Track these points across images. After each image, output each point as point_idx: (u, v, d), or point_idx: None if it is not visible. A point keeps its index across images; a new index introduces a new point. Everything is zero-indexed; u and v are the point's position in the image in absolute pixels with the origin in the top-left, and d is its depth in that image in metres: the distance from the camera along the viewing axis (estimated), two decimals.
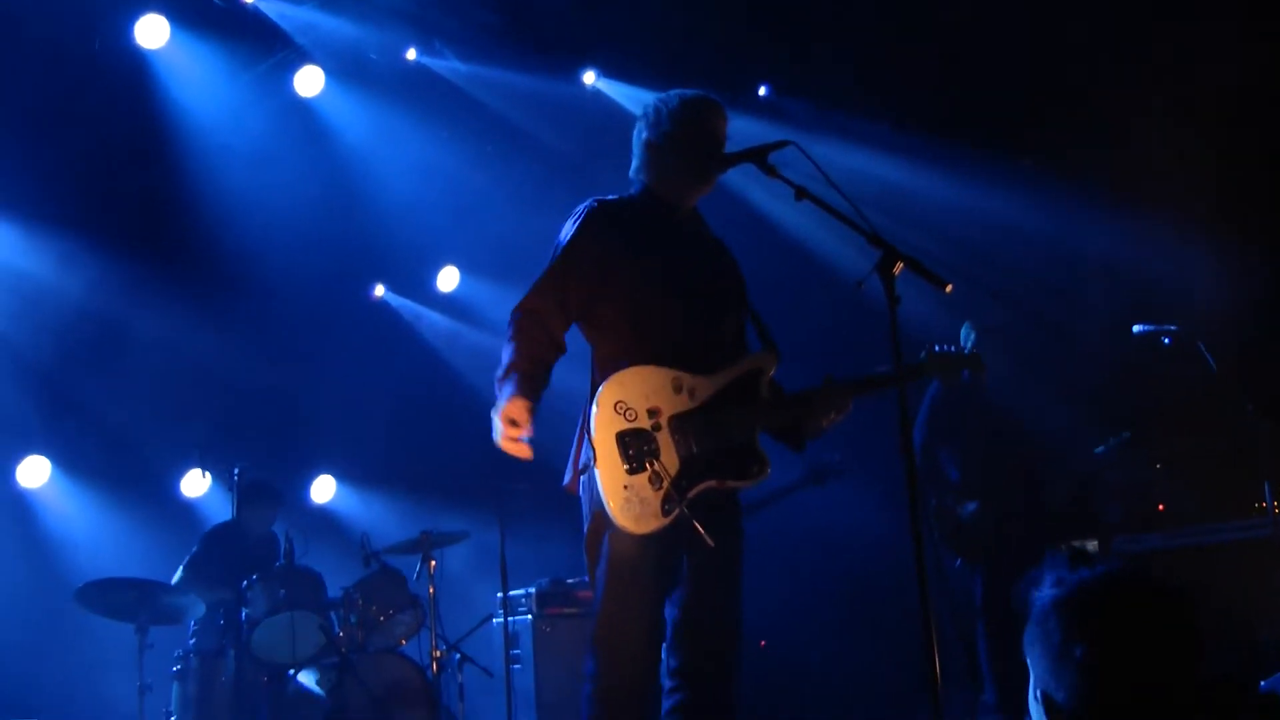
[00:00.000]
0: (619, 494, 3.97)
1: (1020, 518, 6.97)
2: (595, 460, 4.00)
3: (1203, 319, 6.76)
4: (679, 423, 4.09)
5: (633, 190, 4.47)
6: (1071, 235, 8.44)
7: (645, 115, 4.47)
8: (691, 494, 4.03)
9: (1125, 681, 2.12)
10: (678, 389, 4.13)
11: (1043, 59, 8.21)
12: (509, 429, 4.04)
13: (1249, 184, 7.51)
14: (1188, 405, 7.36)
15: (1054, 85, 8.27)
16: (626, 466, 3.99)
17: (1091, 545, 8.04)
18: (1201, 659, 2.17)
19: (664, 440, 4.06)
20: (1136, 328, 6.76)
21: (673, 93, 4.47)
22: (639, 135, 4.46)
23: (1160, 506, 7.71)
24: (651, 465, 4.00)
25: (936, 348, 4.52)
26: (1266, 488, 6.42)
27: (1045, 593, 2.25)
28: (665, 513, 3.98)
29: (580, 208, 4.36)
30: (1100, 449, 7.61)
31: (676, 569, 4.17)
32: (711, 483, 4.10)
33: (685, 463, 4.06)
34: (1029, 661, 2.26)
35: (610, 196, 4.42)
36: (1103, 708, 2.12)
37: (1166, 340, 6.65)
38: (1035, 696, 2.25)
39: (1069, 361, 8.21)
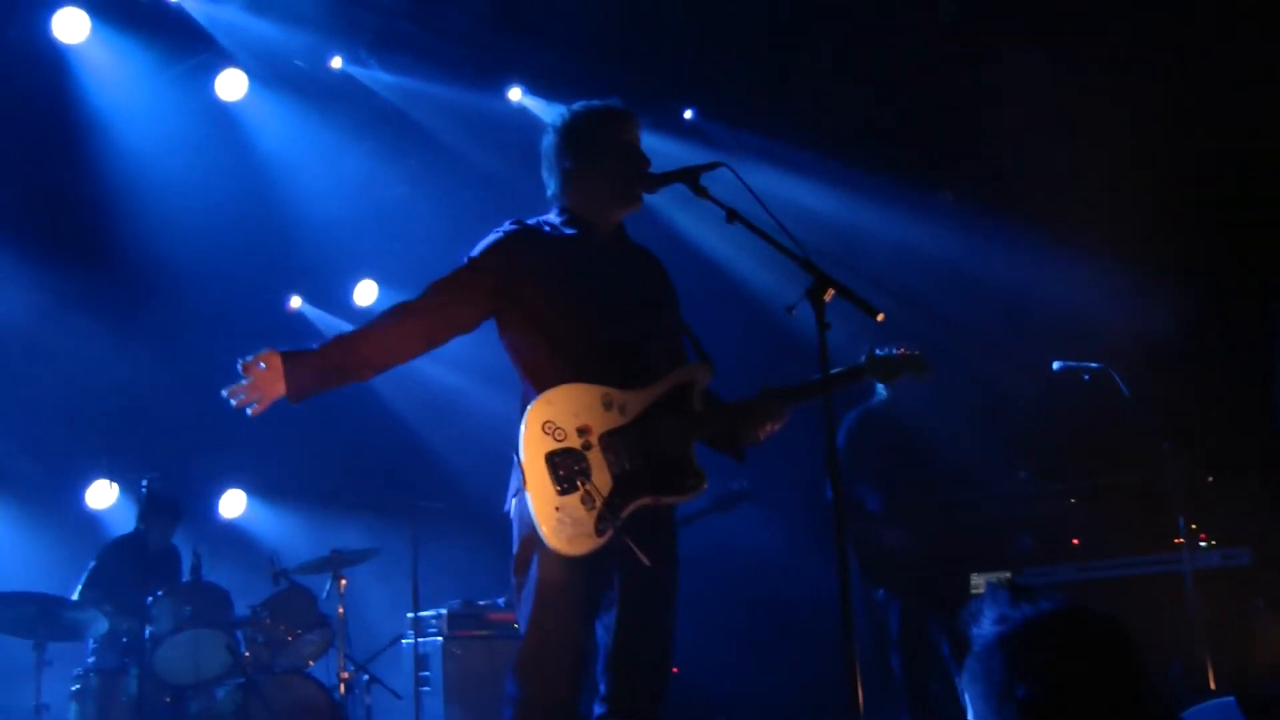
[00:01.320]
0: (551, 516, 3.86)
1: (938, 548, 6.98)
2: (525, 482, 3.90)
3: (1118, 352, 6.82)
4: (610, 440, 4.00)
5: (554, 210, 4.38)
6: (986, 267, 8.51)
7: (559, 133, 4.35)
8: (625, 512, 3.94)
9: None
10: (607, 405, 4.04)
11: (967, 89, 8.28)
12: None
13: (1163, 214, 7.60)
14: (1104, 439, 7.43)
15: (975, 116, 8.32)
16: (557, 488, 3.88)
17: (1004, 576, 8.11)
18: (1148, 699, 2.13)
19: (595, 459, 3.96)
20: (1056, 364, 6.80)
21: (581, 107, 4.36)
22: (557, 159, 4.34)
23: (1075, 540, 7.77)
24: (583, 485, 3.90)
25: (878, 350, 4.45)
26: (1180, 522, 6.48)
27: (987, 629, 2.19)
28: (599, 533, 3.88)
29: (501, 227, 4.27)
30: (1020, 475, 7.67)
31: (607, 591, 4.07)
32: (646, 500, 4.00)
33: (618, 480, 3.97)
34: (967, 700, 2.20)
35: (531, 220, 4.32)
36: None
37: (1086, 377, 6.69)
38: None
39: (984, 394, 8.25)
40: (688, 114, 9.88)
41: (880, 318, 3.79)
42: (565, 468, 3.92)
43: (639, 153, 4.32)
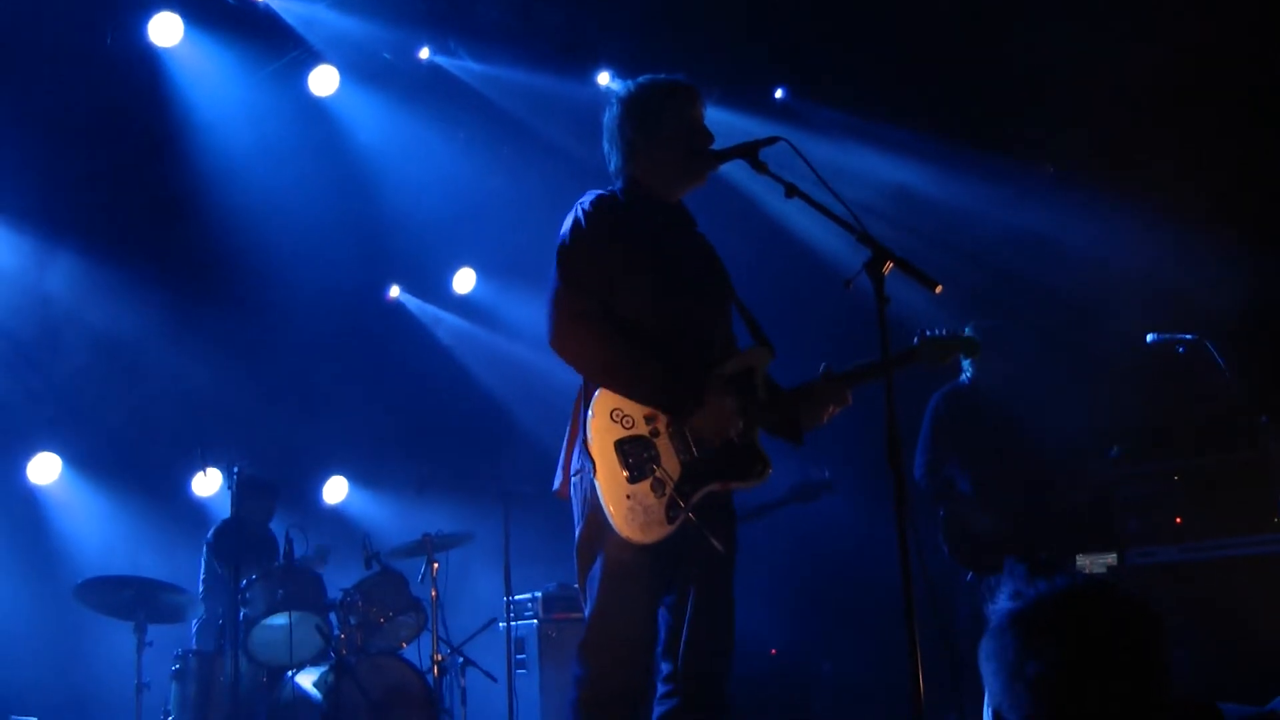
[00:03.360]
0: (622, 504, 3.87)
1: (1034, 529, 6.82)
2: (595, 471, 3.90)
3: (1216, 325, 6.61)
4: (678, 427, 4.00)
5: (619, 184, 4.34)
6: (1084, 241, 8.30)
7: (624, 104, 4.31)
8: (695, 499, 3.94)
9: (1078, 702, 2.01)
10: None
11: (1052, 64, 8.10)
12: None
13: (1260, 179, 7.35)
14: (1200, 413, 7.21)
15: (1072, 89, 8.13)
16: (627, 475, 3.89)
17: (1110, 558, 7.91)
18: (1165, 680, 2.05)
19: (663, 446, 3.96)
20: (1151, 336, 6.62)
21: (647, 80, 4.34)
22: (619, 129, 4.31)
23: (1178, 520, 7.56)
24: (654, 472, 3.91)
25: (929, 332, 4.40)
26: None
27: (1001, 606, 2.13)
28: (670, 520, 3.89)
29: (581, 204, 4.23)
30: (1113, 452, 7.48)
31: (672, 574, 4.08)
32: (715, 485, 4.01)
33: (686, 467, 3.97)
34: (983, 678, 2.15)
35: (602, 191, 4.28)
36: None
37: (1181, 349, 6.51)
38: (987, 716, 2.14)
39: (1078, 370, 8.06)
40: (779, 93, 9.80)
41: (939, 290, 3.75)
42: (635, 455, 3.93)
43: (703, 128, 4.31)
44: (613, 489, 3.88)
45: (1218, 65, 7.49)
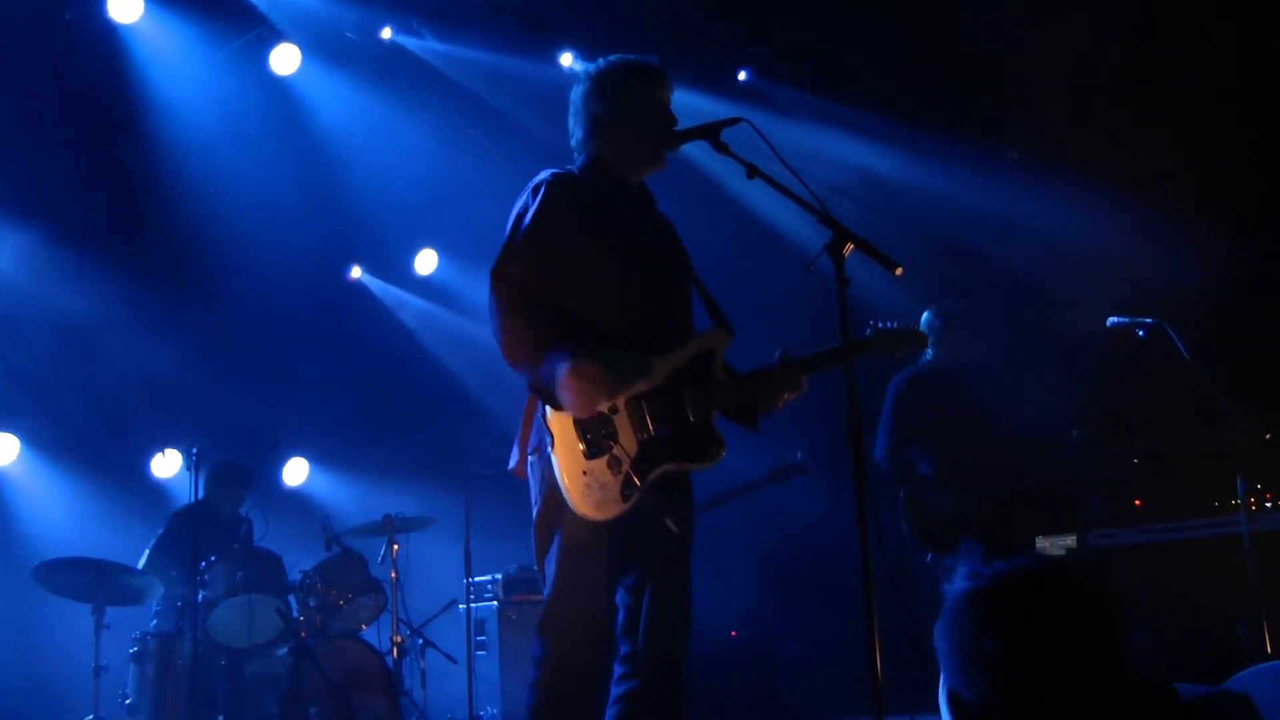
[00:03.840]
0: (579, 479, 3.88)
1: (995, 510, 6.84)
2: (552, 445, 3.90)
3: (1175, 306, 6.64)
4: (636, 405, 3.99)
5: (580, 161, 4.32)
6: (1045, 224, 8.34)
7: (593, 80, 4.30)
8: (650, 478, 3.94)
9: (1034, 680, 2.01)
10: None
11: (1026, 46, 8.11)
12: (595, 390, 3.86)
13: (1224, 168, 7.40)
14: (1161, 397, 7.26)
15: (1032, 72, 8.16)
16: (584, 449, 3.90)
17: (1070, 540, 7.95)
18: (1121, 660, 2.06)
19: (622, 423, 3.96)
20: (1111, 319, 6.64)
21: (618, 59, 4.33)
22: (586, 105, 4.29)
23: (1137, 502, 7.61)
24: (610, 449, 3.91)
25: (880, 324, 4.42)
26: (1239, 482, 6.30)
27: (957, 585, 2.13)
28: (625, 498, 3.90)
29: (538, 180, 4.20)
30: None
31: (630, 554, 4.08)
32: (670, 465, 4.00)
33: (643, 446, 3.97)
34: (939, 658, 2.15)
35: (559, 169, 4.26)
36: (1011, 707, 2.01)
37: (1141, 333, 6.53)
38: (943, 696, 2.14)
39: (1042, 352, 8.10)
40: (742, 75, 9.78)
41: (899, 272, 3.77)
42: (593, 431, 3.92)
43: (669, 112, 4.29)
44: (569, 464, 3.89)
45: (1178, 48, 7.53)
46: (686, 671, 4.15)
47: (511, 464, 4.23)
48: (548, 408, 3.94)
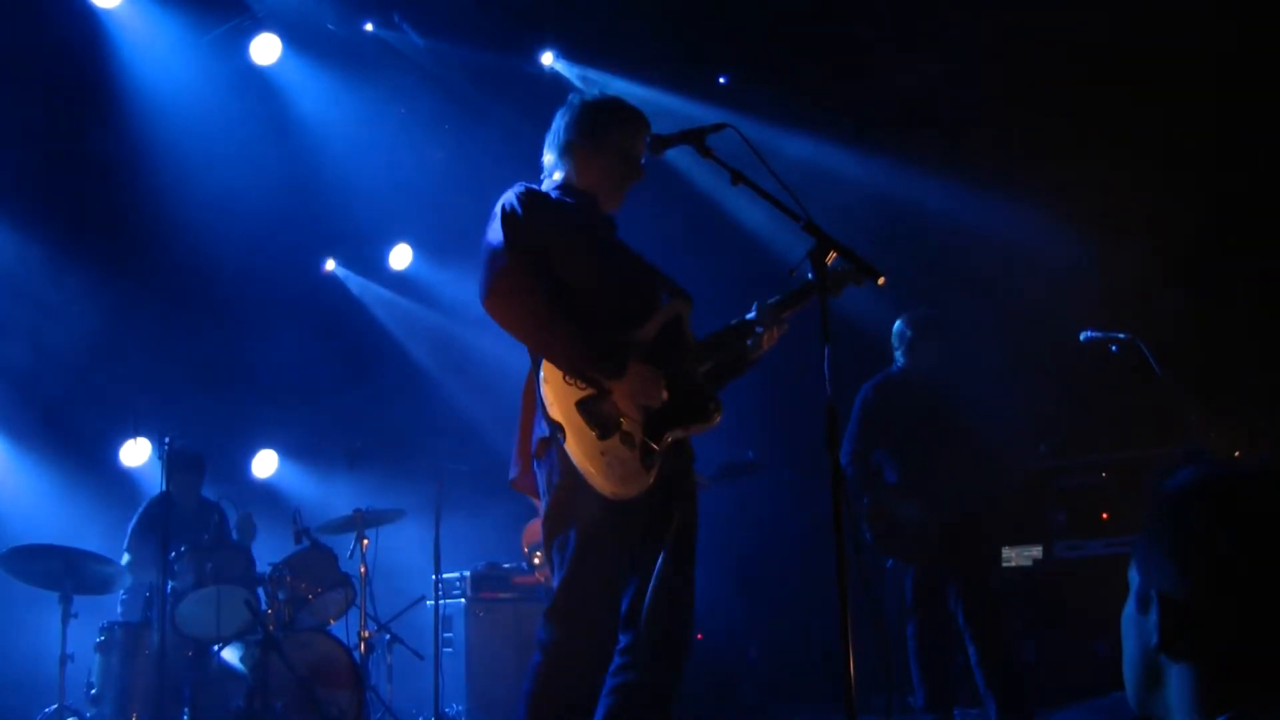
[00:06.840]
0: (599, 460, 3.92)
1: (960, 519, 6.86)
2: (564, 435, 3.94)
3: (1147, 321, 6.70)
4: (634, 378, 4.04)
5: (557, 179, 4.38)
6: (1020, 237, 8.39)
7: (581, 110, 4.38)
8: (663, 445, 4.02)
9: (1268, 575, 1.90)
10: None
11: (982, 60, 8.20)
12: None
13: (1195, 185, 7.48)
14: (1132, 411, 7.32)
15: (1013, 90, 8.23)
16: (597, 433, 3.94)
17: (1035, 551, 8.00)
18: None
19: (622, 401, 4.01)
20: (1084, 334, 6.68)
21: (610, 97, 4.46)
22: (566, 131, 4.36)
23: (1104, 515, 7.67)
24: (620, 426, 3.97)
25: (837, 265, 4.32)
26: None
27: (1186, 477, 2.01)
28: (647, 467, 3.96)
29: (516, 189, 4.22)
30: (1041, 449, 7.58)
31: (640, 547, 4.13)
32: (678, 430, 4.08)
33: (649, 416, 4.03)
34: (1136, 562, 2.03)
35: (535, 185, 4.33)
36: (1240, 602, 1.90)
37: (1114, 348, 6.57)
38: (1134, 606, 2.00)
39: (1013, 364, 8.14)
40: (720, 79, 9.80)
41: (881, 281, 3.82)
42: (597, 412, 3.98)
43: (638, 164, 4.40)
44: (587, 449, 3.93)
45: (1151, 64, 7.60)
46: None
47: (513, 475, 4.25)
48: (548, 402, 3.98)
